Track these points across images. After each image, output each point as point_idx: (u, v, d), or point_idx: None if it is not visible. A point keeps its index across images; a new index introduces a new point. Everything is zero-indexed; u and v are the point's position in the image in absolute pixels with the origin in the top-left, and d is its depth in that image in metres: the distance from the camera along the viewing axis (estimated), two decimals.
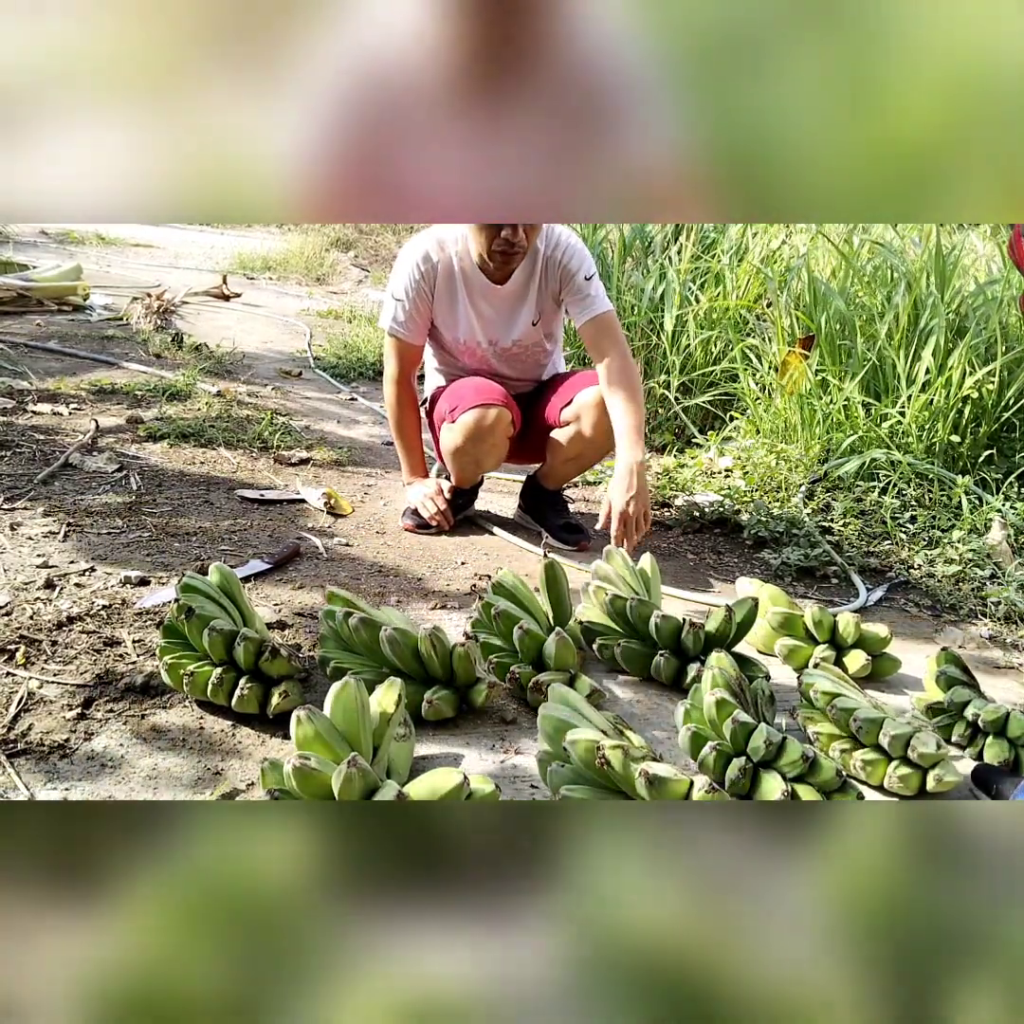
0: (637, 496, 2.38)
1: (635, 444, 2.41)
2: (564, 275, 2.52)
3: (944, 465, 3.23)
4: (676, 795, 1.40)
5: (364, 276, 8.22)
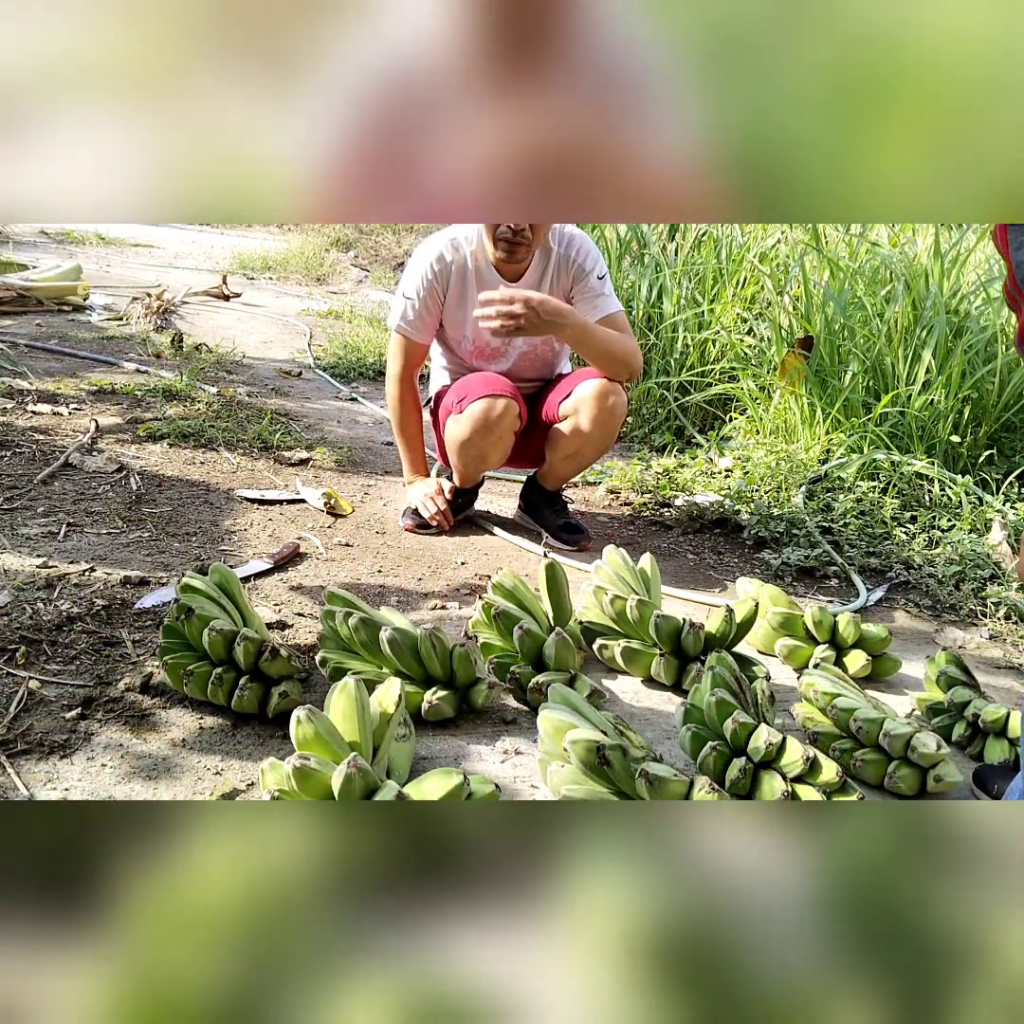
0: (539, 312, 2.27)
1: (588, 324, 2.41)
2: (577, 273, 2.53)
3: (944, 465, 3.23)
4: (676, 795, 1.40)
5: (364, 276, 8.22)
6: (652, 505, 3.16)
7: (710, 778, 1.45)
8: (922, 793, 1.62)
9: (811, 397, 3.50)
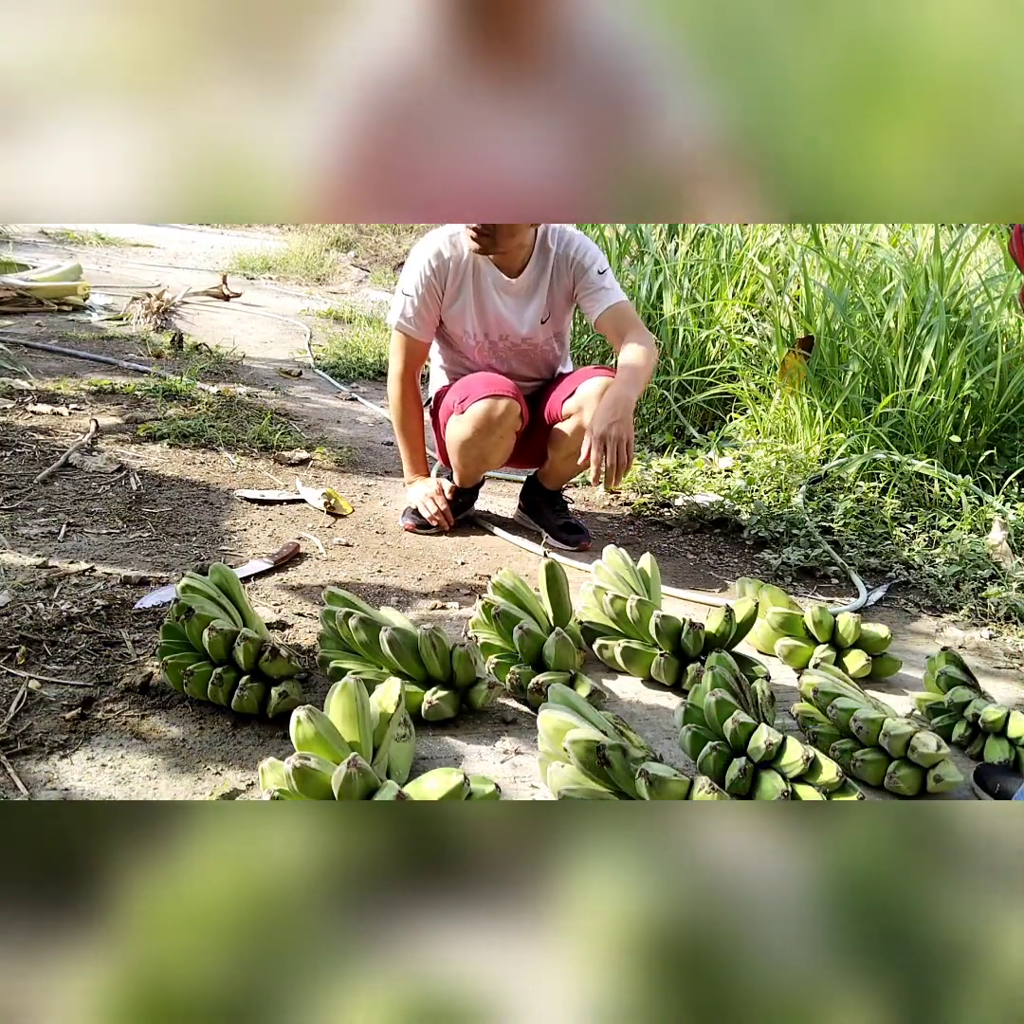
0: (620, 423, 2.25)
1: (630, 384, 2.33)
2: (578, 271, 2.53)
3: (944, 465, 3.23)
4: (676, 795, 1.40)
5: (364, 276, 8.22)
6: (652, 505, 3.16)
7: (710, 778, 1.45)
8: (922, 793, 1.62)
9: (811, 397, 3.50)
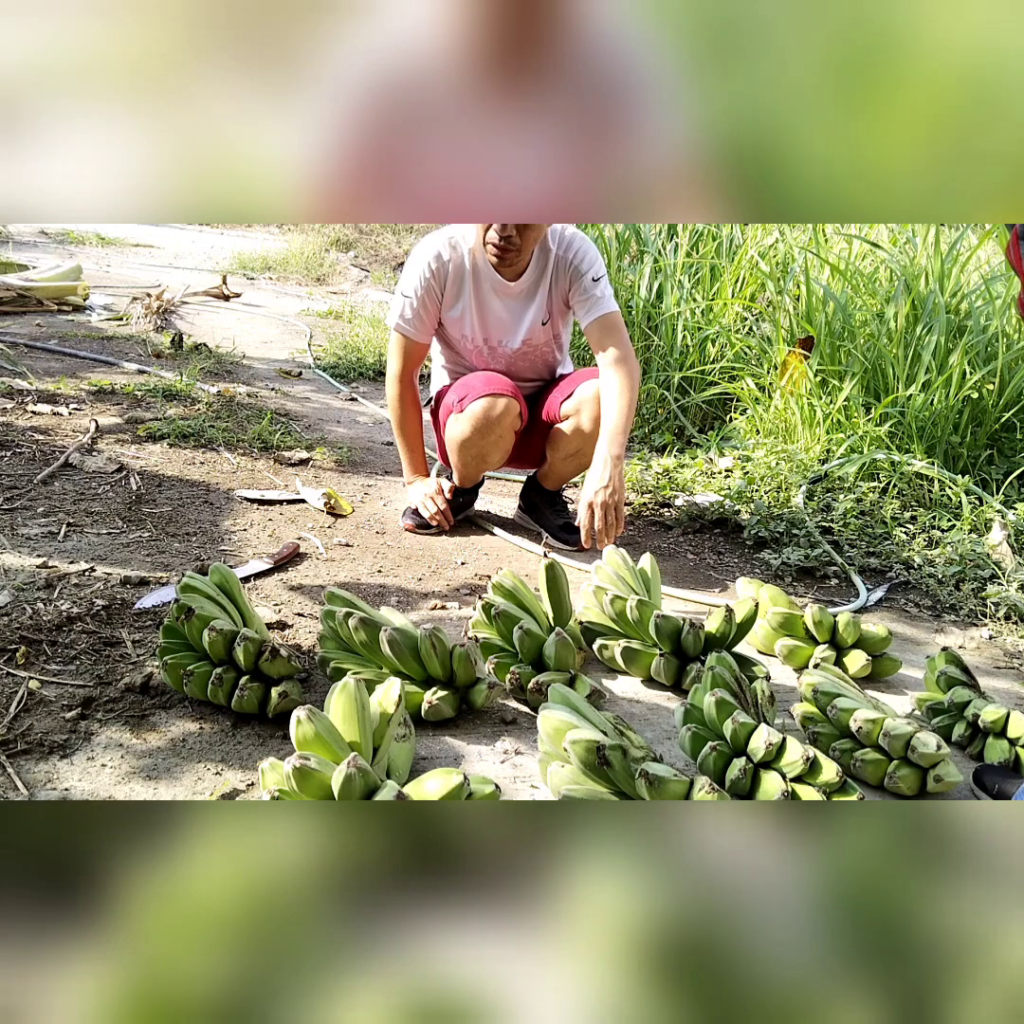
0: (607, 488, 2.34)
1: (614, 440, 2.38)
2: (574, 275, 2.52)
3: (944, 465, 3.23)
4: (676, 795, 1.40)
5: (364, 276, 8.22)
6: (652, 505, 3.16)
7: (710, 778, 1.45)
8: (922, 793, 1.62)
9: (811, 397, 3.50)
